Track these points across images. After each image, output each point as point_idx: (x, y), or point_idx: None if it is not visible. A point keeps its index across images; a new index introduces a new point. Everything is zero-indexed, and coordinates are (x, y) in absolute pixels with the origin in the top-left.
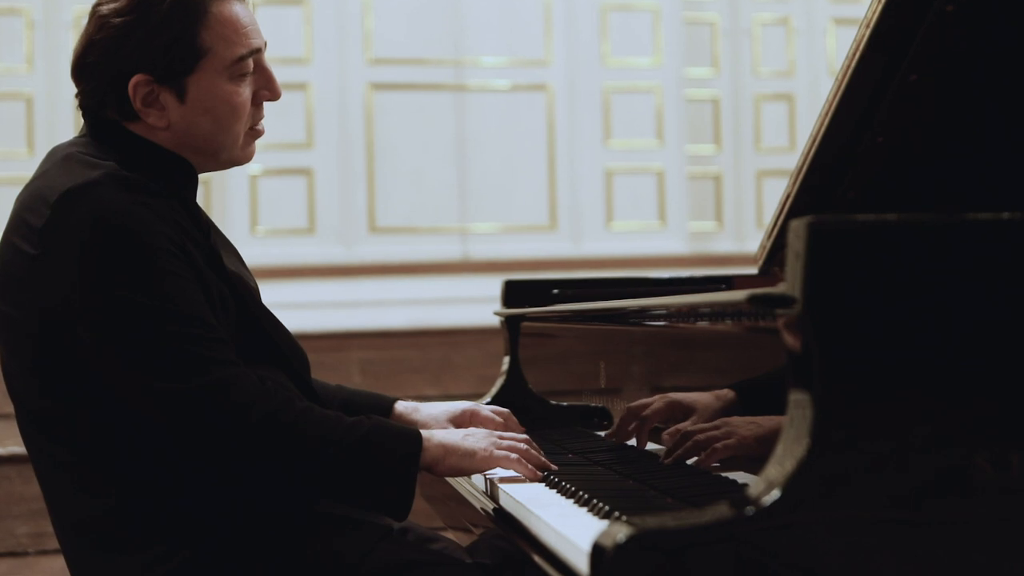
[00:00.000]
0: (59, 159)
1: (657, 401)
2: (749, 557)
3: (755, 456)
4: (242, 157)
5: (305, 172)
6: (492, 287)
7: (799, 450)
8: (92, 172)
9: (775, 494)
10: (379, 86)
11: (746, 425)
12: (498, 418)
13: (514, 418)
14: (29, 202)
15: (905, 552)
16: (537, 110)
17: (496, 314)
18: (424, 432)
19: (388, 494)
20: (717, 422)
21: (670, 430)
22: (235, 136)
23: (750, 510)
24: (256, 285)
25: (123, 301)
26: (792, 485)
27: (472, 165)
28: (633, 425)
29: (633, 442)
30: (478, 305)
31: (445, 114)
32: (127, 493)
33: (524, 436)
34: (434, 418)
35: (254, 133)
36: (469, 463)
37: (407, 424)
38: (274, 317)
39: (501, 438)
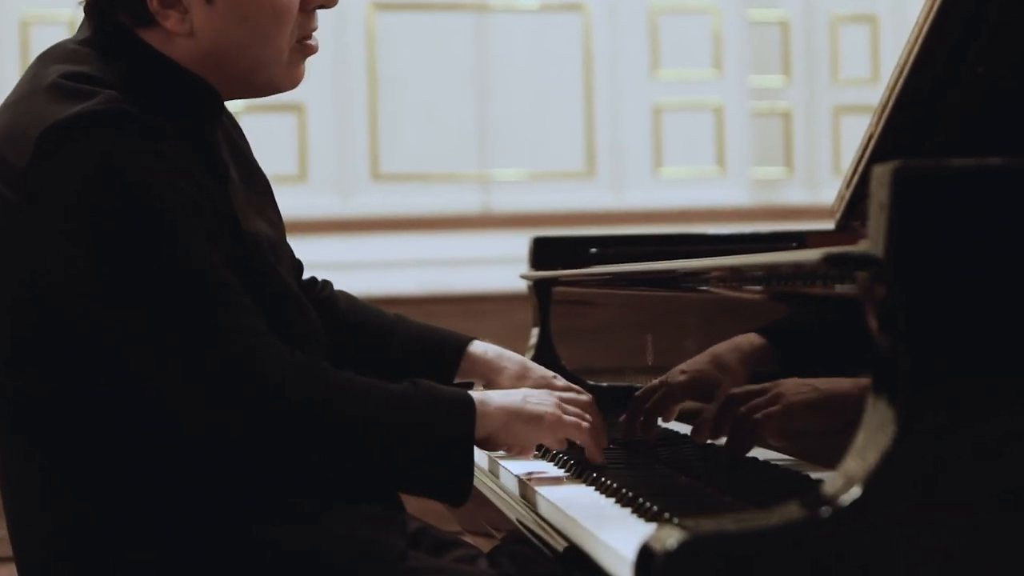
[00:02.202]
0: (47, 83)
1: (668, 381)
2: (825, 566)
3: (810, 427)
4: (286, 80)
5: (295, 108)
6: (518, 245)
7: (884, 439)
8: (86, 102)
9: (855, 492)
10: (383, 5)
11: (799, 389)
12: (581, 396)
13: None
14: (8, 133)
15: (1015, 562)
16: (571, 34)
17: (523, 277)
18: (477, 396)
19: (441, 480)
20: (765, 385)
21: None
22: (277, 50)
23: (826, 511)
24: (282, 236)
25: (128, 261)
26: (876, 481)
27: (494, 100)
28: (643, 419)
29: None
30: (501, 267)
31: (463, 39)
32: (118, 498)
33: (589, 398)
34: (524, 381)
35: (304, 48)
36: (535, 430)
37: (485, 371)
38: (288, 286)
39: (564, 401)
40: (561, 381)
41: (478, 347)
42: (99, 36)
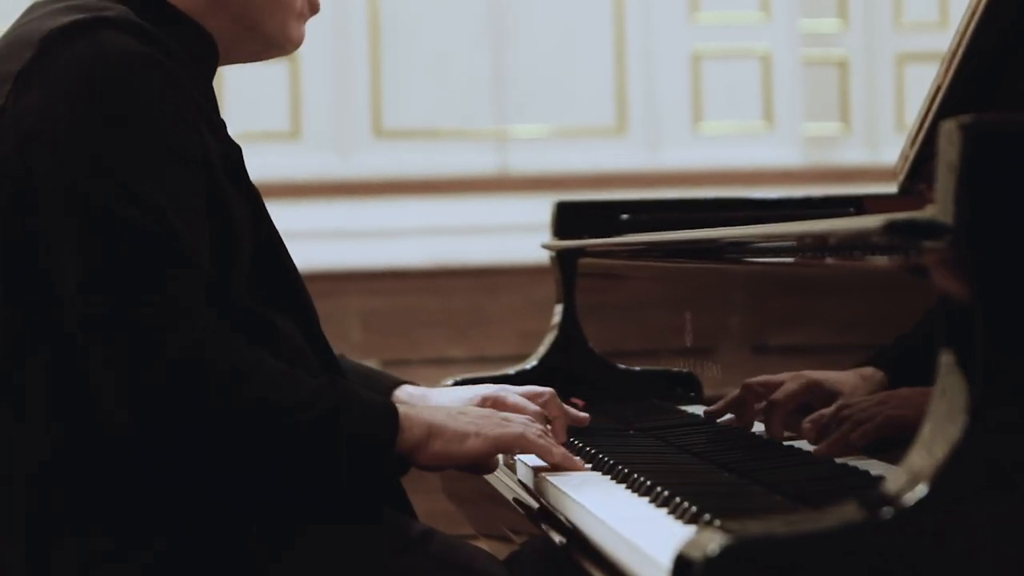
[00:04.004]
0: (48, 10)
1: (790, 382)
2: (886, 574)
3: (895, 439)
4: (289, 42)
5: (286, 56)
6: (539, 210)
7: (954, 431)
8: (97, 12)
9: (921, 490)
10: None
11: (886, 404)
12: (530, 405)
13: (558, 401)
14: (7, 48)
15: None
16: None
17: (545, 247)
18: (402, 407)
19: (353, 490)
20: (847, 401)
21: (812, 417)
22: (288, 10)
23: (888, 511)
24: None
25: (103, 184)
26: (944, 478)
27: (513, 47)
28: (752, 409)
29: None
30: (520, 235)
31: None
32: (62, 463)
33: (544, 391)
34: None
35: (311, 6)
36: (459, 448)
37: None
38: (284, 245)
39: (506, 419)
40: (513, 396)
41: (404, 392)
42: None
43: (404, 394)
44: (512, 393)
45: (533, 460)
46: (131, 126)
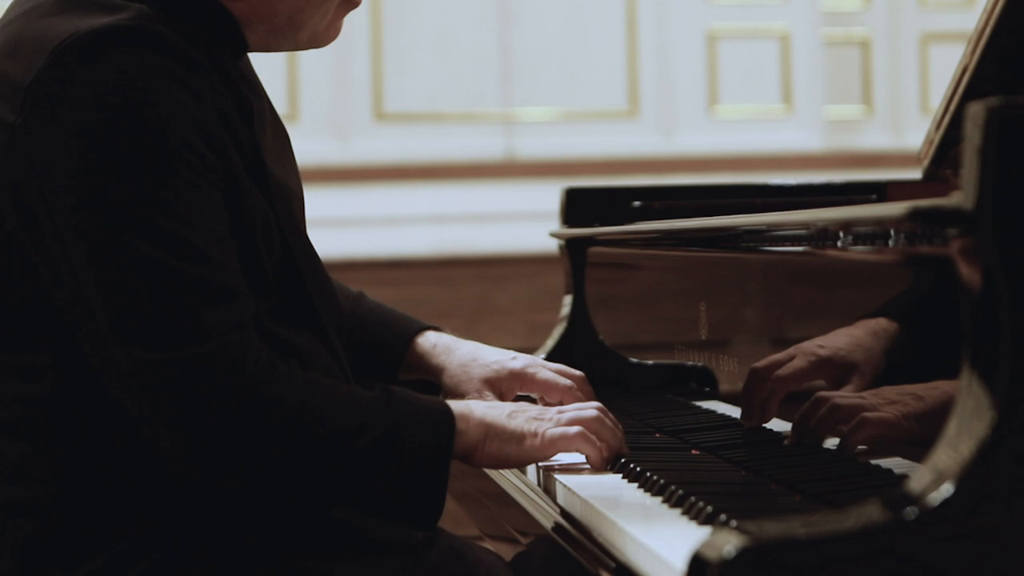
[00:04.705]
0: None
1: (798, 358)
2: None
3: (917, 439)
4: (325, 37)
5: None
6: (548, 197)
7: (981, 427)
8: (114, 15)
9: (947, 489)
10: None
11: (907, 397)
12: (564, 380)
13: (588, 387)
14: (12, 45)
15: None
16: None
17: (554, 235)
18: (458, 407)
19: (410, 502)
20: (865, 392)
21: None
22: (328, 8)
23: (911, 512)
24: (301, 192)
25: (117, 204)
26: (971, 477)
27: (520, 26)
28: (763, 395)
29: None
30: (528, 223)
31: None
32: (73, 487)
33: (594, 404)
34: (469, 377)
35: (348, 4)
36: (516, 450)
37: (428, 368)
38: (315, 255)
39: (561, 412)
40: (544, 371)
41: (426, 342)
42: None
43: (428, 343)
44: (543, 368)
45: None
46: (149, 160)
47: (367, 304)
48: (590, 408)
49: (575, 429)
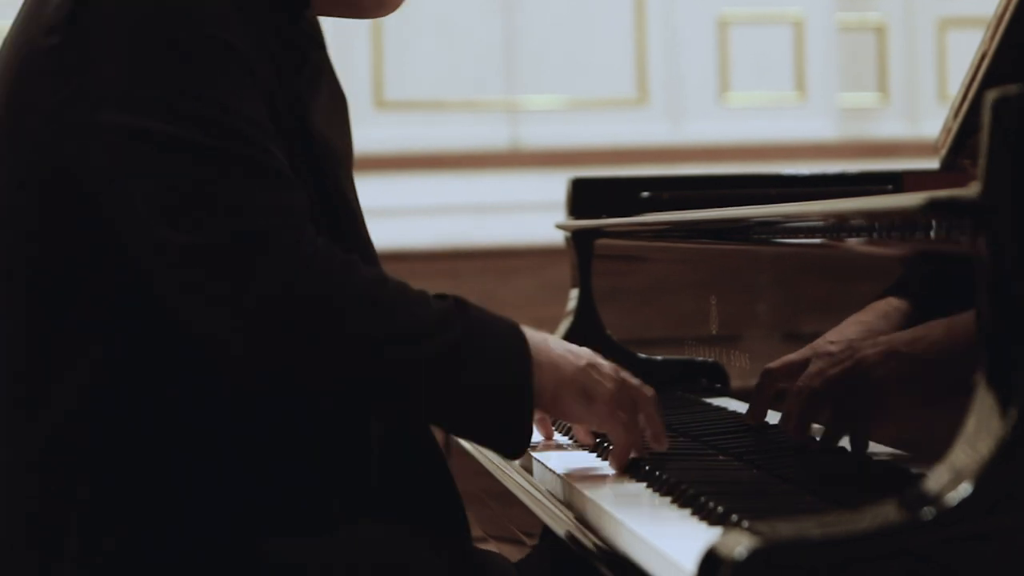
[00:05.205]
0: None
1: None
2: None
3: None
4: (389, 4)
5: None
6: (554, 187)
7: (1000, 425)
8: None
9: (965, 489)
10: None
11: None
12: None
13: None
14: None
15: None
16: None
17: (559, 227)
18: (533, 342)
19: (493, 427)
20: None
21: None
22: None
23: (929, 512)
24: (351, 159)
25: (160, 90)
26: (990, 476)
27: (525, 11)
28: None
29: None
30: (533, 214)
31: None
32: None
33: (652, 393)
34: None
35: None
36: (584, 409)
37: None
38: (362, 223)
39: (625, 385)
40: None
41: None
42: None
43: None
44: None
45: (551, 460)
46: (195, 59)
47: None
48: (651, 402)
49: (634, 431)
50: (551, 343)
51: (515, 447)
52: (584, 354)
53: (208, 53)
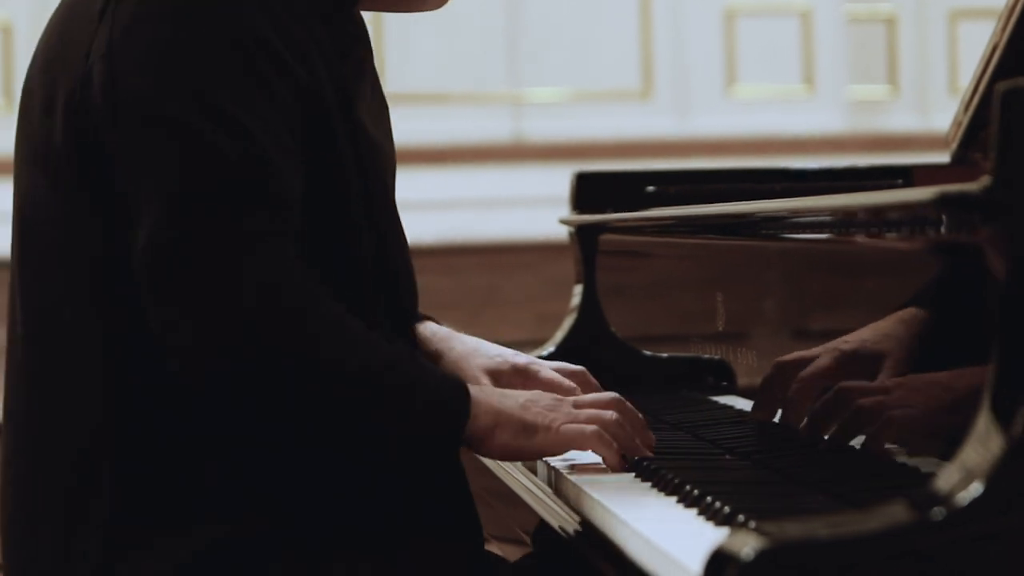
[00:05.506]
0: None
1: (823, 356)
2: None
3: (947, 432)
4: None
5: None
6: (557, 182)
7: (1013, 424)
8: None
9: (976, 489)
10: None
11: (935, 388)
12: (567, 381)
13: (594, 380)
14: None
15: None
16: None
17: (563, 222)
18: (473, 389)
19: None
20: (888, 383)
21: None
22: None
23: (939, 512)
24: (394, 163)
25: (191, 103)
26: (1001, 475)
27: (529, 3)
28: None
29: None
30: (536, 208)
31: None
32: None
33: (612, 396)
34: (469, 365)
35: None
36: (527, 443)
37: (425, 354)
38: (401, 231)
39: (577, 405)
40: (546, 370)
41: (428, 328)
42: None
43: (427, 331)
44: (545, 367)
45: (554, 458)
46: (221, 52)
47: None
48: (608, 403)
49: (591, 428)
50: (486, 393)
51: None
52: (521, 394)
53: (238, 49)
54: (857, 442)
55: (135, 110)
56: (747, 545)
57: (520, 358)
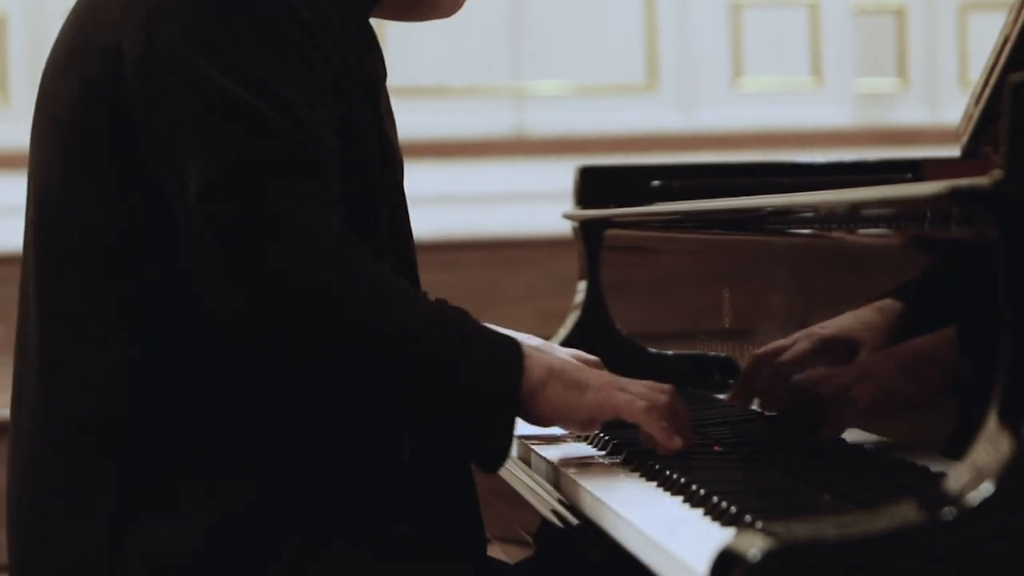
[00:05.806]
0: None
1: (801, 341)
2: None
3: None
4: (450, 7)
5: None
6: (561, 176)
7: (1023, 424)
8: None
9: (986, 488)
10: None
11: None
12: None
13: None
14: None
15: None
16: None
17: (567, 217)
18: (524, 345)
19: (474, 435)
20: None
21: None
22: None
23: (949, 512)
24: (403, 172)
25: (233, 75)
26: (1012, 475)
27: None
28: (761, 383)
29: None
30: (540, 203)
31: None
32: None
33: (668, 386)
34: None
35: None
36: (577, 398)
37: None
38: (409, 232)
39: (630, 382)
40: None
41: None
42: None
43: None
44: (560, 350)
45: (554, 454)
46: (262, 25)
47: None
48: (664, 389)
49: (642, 402)
50: (533, 345)
51: (495, 457)
52: (566, 351)
53: (278, 23)
54: (859, 438)
55: (178, 77)
56: (754, 546)
57: (534, 340)
